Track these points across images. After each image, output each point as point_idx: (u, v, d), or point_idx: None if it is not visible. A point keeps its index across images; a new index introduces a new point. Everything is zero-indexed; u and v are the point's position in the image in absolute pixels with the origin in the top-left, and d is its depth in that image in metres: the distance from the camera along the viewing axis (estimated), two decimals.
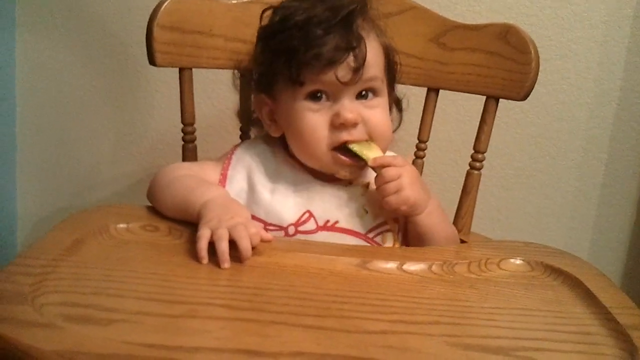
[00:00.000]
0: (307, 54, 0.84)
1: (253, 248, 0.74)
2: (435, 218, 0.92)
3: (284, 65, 0.86)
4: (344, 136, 0.88)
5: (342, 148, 0.88)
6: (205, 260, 0.72)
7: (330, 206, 0.91)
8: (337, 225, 0.90)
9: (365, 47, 0.86)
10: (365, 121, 0.88)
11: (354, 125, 0.87)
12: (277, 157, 0.94)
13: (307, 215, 0.89)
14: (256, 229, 0.76)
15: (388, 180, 0.87)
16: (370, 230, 0.91)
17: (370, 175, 0.93)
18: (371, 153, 0.88)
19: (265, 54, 0.91)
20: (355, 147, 0.88)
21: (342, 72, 0.86)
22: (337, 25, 0.85)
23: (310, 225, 0.89)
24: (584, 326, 0.66)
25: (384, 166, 0.87)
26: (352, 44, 0.86)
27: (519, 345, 0.61)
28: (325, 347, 0.57)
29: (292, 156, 0.94)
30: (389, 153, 0.93)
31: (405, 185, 0.87)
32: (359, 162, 0.89)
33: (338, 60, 0.85)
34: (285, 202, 0.90)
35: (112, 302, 0.61)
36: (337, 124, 0.87)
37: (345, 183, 0.93)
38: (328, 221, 0.90)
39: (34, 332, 0.54)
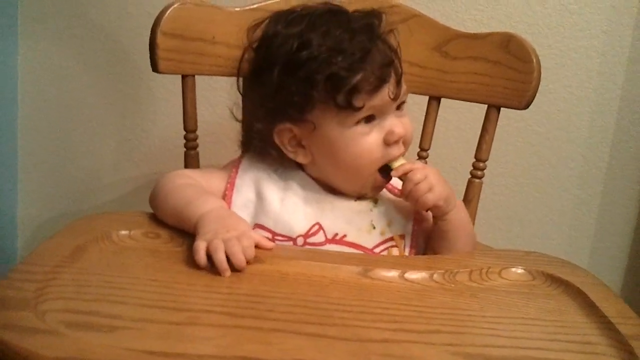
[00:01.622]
0: (354, 78, 0.83)
1: (248, 262, 0.73)
2: (463, 213, 0.94)
3: (327, 92, 0.84)
4: (395, 151, 0.89)
5: (382, 168, 0.89)
6: (207, 268, 0.72)
7: (340, 220, 0.90)
8: (345, 239, 0.90)
9: (400, 58, 0.88)
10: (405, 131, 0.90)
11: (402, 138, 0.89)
12: (285, 168, 0.93)
13: (316, 227, 0.89)
14: (250, 242, 0.75)
15: (417, 182, 0.87)
16: (376, 246, 0.91)
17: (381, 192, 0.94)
18: (397, 163, 0.89)
19: (292, 84, 0.85)
20: (394, 163, 0.89)
21: (391, 87, 0.86)
22: (372, 42, 0.86)
23: (319, 237, 0.89)
24: (585, 336, 0.66)
25: (407, 172, 0.88)
26: (392, 58, 0.87)
27: (520, 354, 0.62)
28: (326, 355, 0.57)
29: (301, 168, 0.93)
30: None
31: (435, 182, 0.87)
32: (389, 181, 0.91)
33: (387, 78, 0.86)
34: (295, 213, 0.89)
35: (114, 308, 0.62)
36: (392, 142, 0.88)
37: (355, 198, 0.93)
38: (337, 234, 0.89)
39: (37, 338, 0.54)
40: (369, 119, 0.87)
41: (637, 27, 1.38)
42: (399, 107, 0.90)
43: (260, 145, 0.94)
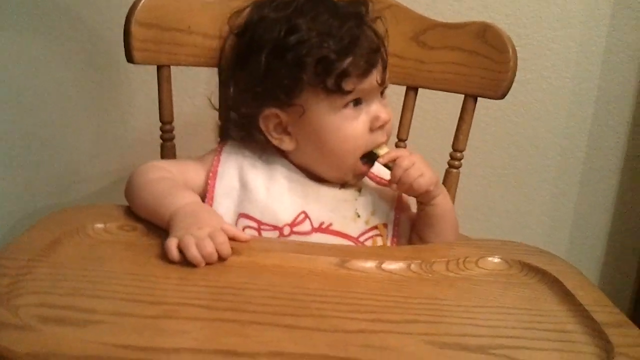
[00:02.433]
0: (344, 62, 0.84)
1: (224, 259, 0.73)
2: (448, 198, 0.95)
3: (316, 75, 0.84)
4: (380, 138, 0.90)
5: (365, 155, 0.90)
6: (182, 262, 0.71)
7: (325, 208, 0.90)
8: (331, 227, 0.90)
9: (385, 45, 0.89)
10: None
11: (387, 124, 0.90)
12: (268, 156, 0.93)
13: (302, 216, 0.89)
14: (224, 237, 0.74)
15: (406, 168, 0.87)
16: (361, 234, 0.91)
17: (364, 180, 0.95)
18: (382, 151, 0.90)
19: (281, 67, 0.85)
20: (379, 150, 0.90)
21: (378, 73, 0.87)
22: (360, 29, 0.86)
23: (306, 226, 0.89)
24: (561, 324, 0.67)
25: (394, 159, 0.88)
26: (379, 44, 0.88)
27: (497, 343, 0.62)
28: (304, 347, 0.57)
29: (284, 155, 0.93)
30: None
31: (424, 168, 0.88)
32: (370, 168, 0.92)
33: (375, 63, 0.86)
34: (280, 202, 0.89)
35: (89, 302, 0.61)
36: (376, 127, 0.88)
37: (339, 186, 0.93)
38: (323, 223, 0.89)
39: (10, 334, 0.54)
40: (356, 102, 0.87)
41: (614, 17, 1.39)
42: (381, 94, 0.91)
43: (242, 132, 0.94)
